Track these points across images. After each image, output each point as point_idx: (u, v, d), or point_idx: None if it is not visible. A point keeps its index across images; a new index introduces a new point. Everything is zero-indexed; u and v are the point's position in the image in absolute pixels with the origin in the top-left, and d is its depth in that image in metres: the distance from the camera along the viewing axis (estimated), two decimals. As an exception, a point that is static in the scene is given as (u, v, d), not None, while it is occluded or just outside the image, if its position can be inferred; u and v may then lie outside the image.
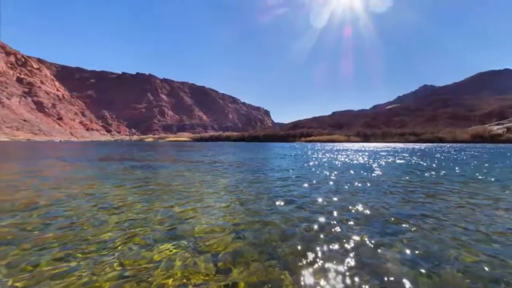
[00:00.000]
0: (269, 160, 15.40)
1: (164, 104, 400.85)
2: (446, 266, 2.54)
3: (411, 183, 7.40)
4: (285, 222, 3.80)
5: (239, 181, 7.48)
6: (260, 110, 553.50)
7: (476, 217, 4.13)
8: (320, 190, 6.18)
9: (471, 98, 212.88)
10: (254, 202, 5.01)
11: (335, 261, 2.65)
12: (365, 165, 12.68)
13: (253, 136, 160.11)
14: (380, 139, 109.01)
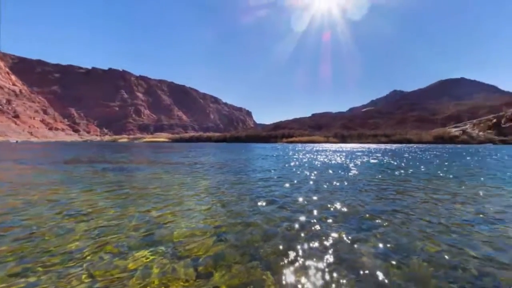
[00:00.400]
0: (251, 161, 15.42)
1: (140, 103, 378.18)
2: (413, 257, 2.76)
3: (384, 181, 7.94)
4: (267, 223, 3.82)
5: (220, 183, 7.36)
6: (242, 110, 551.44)
7: (438, 211, 4.55)
8: (300, 190, 6.33)
9: (433, 103, 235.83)
10: (236, 203, 4.97)
11: (315, 258, 2.73)
12: (342, 165, 13.31)
13: (235, 136, 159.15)
14: (356, 140, 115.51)
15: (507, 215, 4.29)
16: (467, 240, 3.23)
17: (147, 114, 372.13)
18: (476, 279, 2.34)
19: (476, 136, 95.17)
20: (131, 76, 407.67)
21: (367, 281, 2.31)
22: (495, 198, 5.62)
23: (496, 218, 4.13)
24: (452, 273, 2.44)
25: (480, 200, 5.43)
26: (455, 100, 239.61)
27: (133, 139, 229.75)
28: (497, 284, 2.26)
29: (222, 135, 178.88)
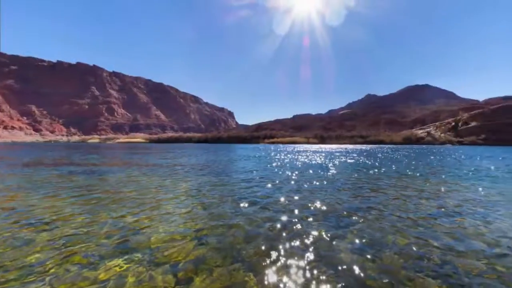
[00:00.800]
0: (233, 162, 15.30)
1: (113, 101, 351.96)
2: (386, 250, 2.95)
3: (359, 180, 8.40)
4: (250, 224, 3.81)
5: (201, 185, 7.18)
6: (224, 111, 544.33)
7: (407, 206, 4.93)
8: (282, 190, 6.43)
9: (402, 107, 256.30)
10: (218, 205, 4.88)
11: (296, 257, 2.78)
12: (322, 165, 13.82)
13: (216, 137, 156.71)
14: (334, 141, 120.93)
15: (463, 208, 4.80)
16: (431, 232, 3.54)
17: (121, 113, 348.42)
18: (439, 267, 2.57)
19: (438, 137, 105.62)
20: (103, 72, 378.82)
21: (345, 276, 2.42)
22: (454, 193, 6.25)
23: (455, 211, 4.59)
24: (419, 263, 2.65)
25: (442, 195, 6.00)
26: (420, 104, 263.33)
27: (105, 140, 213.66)
28: (456, 270, 2.50)
29: (203, 136, 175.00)
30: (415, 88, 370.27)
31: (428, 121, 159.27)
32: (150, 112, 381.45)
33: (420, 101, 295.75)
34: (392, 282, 2.31)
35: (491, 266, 2.58)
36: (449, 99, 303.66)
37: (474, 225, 3.81)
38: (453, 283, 2.29)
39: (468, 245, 3.11)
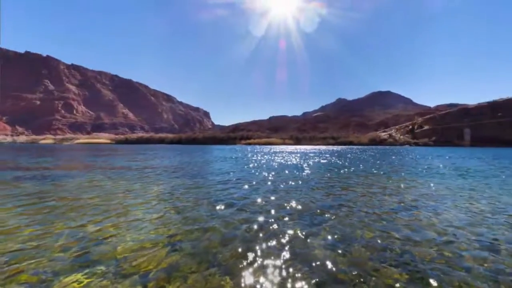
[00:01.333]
0: (209, 163, 14.93)
1: (72, 97, 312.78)
2: (355, 244, 3.15)
3: (331, 179, 8.87)
4: (226, 226, 3.74)
5: (175, 188, 6.85)
6: (200, 111, 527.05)
7: (372, 202, 5.36)
8: (259, 191, 6.46)
9: (368, 111, 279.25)
10: (193, 209, 4.70)
11: (273, 256, 2.81)
12: (297, 165, 14.28)
13: (191, 138, 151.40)
14: (309, 142, 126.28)
15: (419, 202, 5.39)
16: (392, 225, 3.89)
17: (82, 111, 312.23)
18: (399, 256, 2.84)
19: (399, 139, 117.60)
20: (59, 64, 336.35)
21: (318, 271, 2.51)
22: (411, 189, 6.99)
23: (412, 205, 5.12)
24: (383, 254, 2.89)
25: (402, 191, 6.65)
26: (384, 109, 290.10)
27: (62, 140, 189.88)
28: (413, 258, 2.79)
29: (177, 136, 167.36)
30: (379, 94, 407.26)
31: (390, 124, 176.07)
32: (116, 110, 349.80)
33: (383, 106, 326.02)
34: (360, 273, 2.47)
35: (440, 253, 2.93)
36: (407, 104, 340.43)
37: (427, 217, 4.30)
38: (411, 270, 2.54)
39: (422, 235, 3.49)
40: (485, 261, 2.73)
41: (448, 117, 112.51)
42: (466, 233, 3.56)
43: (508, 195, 6.21)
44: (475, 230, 3.68)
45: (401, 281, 2.35)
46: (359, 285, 2.29)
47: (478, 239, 3.35)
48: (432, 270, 2.53)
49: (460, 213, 4.58)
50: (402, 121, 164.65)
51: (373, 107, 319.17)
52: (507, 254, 2.91)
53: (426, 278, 2.39)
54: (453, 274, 2.46)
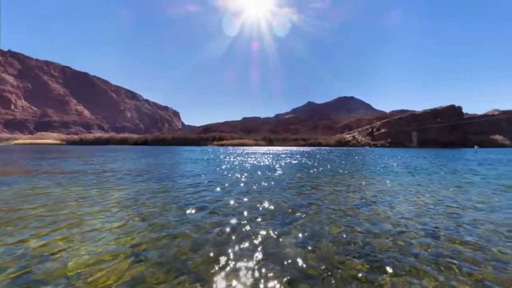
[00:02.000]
0: (178, 166, 14.23)
1: (8, 89, 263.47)
2: (323, 240, 3.33)
3: (302, 179, 9.26)
4: (197, 231, 3.60)
5: (140, 193, 6.34)
6: (168, 110, 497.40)
7: (338, 200, 5.75)
8: (232, 193, 6.39)
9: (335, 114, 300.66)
10: (160, 214, 4.41)
11: (245, 258, 2.79)
12: (270, 166, 14.55)
13: (159, 139, 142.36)
14: (281, 143, 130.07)
15: (377, 198, 5.97)
16: (356, 220, 4.23)
17: (22, 106, 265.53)
18: (362, 248, 3.09)
19: (361, 140, 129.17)
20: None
21: (290, 269, 2.58)
22: (371, 186, 7.70)
23: (372, 201, 5.65)
24: (348, 248, 3.11)
25: (363, 188, 7.29)
26: (348, 113, 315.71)
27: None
28: (373, 249, 3.06)
29: (142, 137, 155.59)
30: (344, 99, 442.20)
31: (353, 127, 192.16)
32: (69, 107, 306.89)
33: (348, 110, 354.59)
34: (328, 267, 2.61)
35: (394, 242, 3.29)
36: (368, 109, 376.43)
37: (384, 211, 4.78)
38: (371, 260, 2.79)
39: (380, 227, 3.86)
40: (429, 247, 3.14)
41: (400, 121, 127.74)
42: (414, 223, 4.06)
43: (446, 189, 7.30)
44: (421, 220, 4.23)
45: (363, 271, 2.56)
46: (327, 278, 2.42)
47: (423, 228, 3.84)
48: (388, 258, 2.82)
49: (410, 206, 5.21)
50: (363, 125, 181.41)
51: (339, 111, 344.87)
52: (445, 239, 3.40)
53: (383, 266, 2.65)
54: (405, 261, 2.77)
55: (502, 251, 3.03)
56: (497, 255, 2.93)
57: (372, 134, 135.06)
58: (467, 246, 3.16)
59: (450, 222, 4.13)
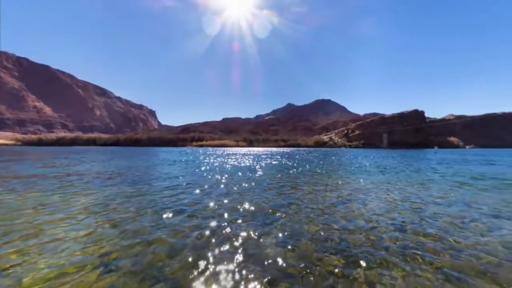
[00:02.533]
0: (154, 168, 13.54)
1: None
2: (302, 239, 3.41)
3: (282, 179, 9.42)
4: (174, 236, 3.44)
5: (110, 197, 5.89)
6: (143, 108, 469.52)
7: (317, 199, 5.95)
8: (211, 195, 6.25)
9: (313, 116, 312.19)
10: (134, 220, 4.14)
11: (226, 261, 2.74)
12: (250, 167, 14.55)
13: (133, 139, 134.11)
14: (261, 144, 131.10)
15: (352, 196, 6.30)
16: (333, 218, 4.41)
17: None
18: (338, 245, 3.23)
19: (337, 142, 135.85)
20: None
21: (270, 269, 2.59)
22: (347, 185, 8.12)
23: (348, 199, 5.95)
24: (325, 245, 3.23)
25: (340, 187, 7.65)
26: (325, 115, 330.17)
27: None
28: (348, 245, 3.22)
29: (113, 137, 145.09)
30: (322, 102, 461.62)
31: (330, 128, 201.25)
32: (26, 103, 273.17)
33: (325, 112, 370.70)
34: (307, 265, 2.68)
35: (367, 237, 3.49)
36: (343, 112, 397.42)
37: (358, 208, 5.07)
38: (346, 255, 2.93)
39: (355, 224, 4.08)
40: (397, 240, 3.40)
41: (372, 124, 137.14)
42: (385, 218, 4.36)
43: (411, 186, 7.99)
44: (390, 215, 4.56)
45: (339, 266, 2.67)
46: (306, 276, 2.48)
47: (392, 222, 4.15)
48: (362, 253, 2.98)
49: (381, 202, 5.59)
50: (339, 126, 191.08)
51: (317, 113, 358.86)
52: (411, 232, 3.71)
53: (357, 260, 2.80)
54: (376, 254, 2.96)
55: (457, 240, 3.39)
56: (453, 244, 3.27)
57: (348, 135, 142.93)
58: (428, 238, 3.48)
59: (415, 216, 4.52)
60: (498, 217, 4.47)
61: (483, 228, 3.90)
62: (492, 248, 3.14)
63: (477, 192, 6.91)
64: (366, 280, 2.42)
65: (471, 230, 3.80)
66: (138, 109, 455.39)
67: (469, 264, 2.74)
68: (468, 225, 4.04)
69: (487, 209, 5.05)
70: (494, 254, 2.98)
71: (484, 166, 15.50)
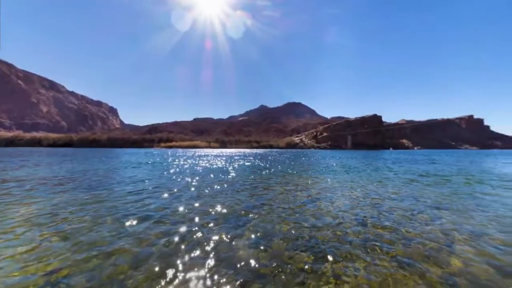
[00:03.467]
0: (116, 171, 12.34)
1: None
2: (274, 239, 3.46)
3: (255, 180, 9.47)
4: (139, 244, 3.17)
5: (60, 206, 5.16)
6: (103, 105, 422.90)
7: (288, 198, 6.13)
8: (181, 198, 5.95)
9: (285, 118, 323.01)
10: (90, 230, 3.68)
11: (196, 267, 2.62)
12: (223, 168, 14.31)
13: (89, 140, 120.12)
14: (234, 145, 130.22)
15: (321, 195, 6.67)
16: (303, 216, 4.59)
17: None
18: (308, 242, 3.36)
19: (307, 143, 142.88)
20: None
21: (243, 271, 2.56)
22: (316, 184, 8.56)
23: (316, 197, 6.27)
24: (296, 243, 3.33)
25: (309, 187, 8.02)
26: (296, 117, 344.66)
27: None
28: (317, 242, 3.38)
29: (65, 137, 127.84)
30: (293, 104, 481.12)
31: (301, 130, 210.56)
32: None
33: (296, 114, 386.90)
34: (279, 264, 2.72)
35: (334, 233, 3.72)
36: (313, 115, 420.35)
37: (326, 206, 5.38)
38: (315, 251, 3.07)
39: (323, 221, 4.31)
40: (360, 234, 3.69)
41: (338, 127, 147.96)
42: (349, 215, 4.71)
43: (371, 183, 8.81)
44: (354, 211, 4.95)
45: (309, 262, 2.78)
46: (278, 275, 2.51)
47: (355, 218, 4.50)
48: (329, 248, 3.16)
49: (346, 200, 6.03)
50: (309, 129, 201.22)
51: (289, 115, 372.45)
52: (371, 226, 4.07)
53: (325, 255, 2.95)
54: (342, 248, 3.17)
55: (407, 230, 3.84)
56: (405, 234, 3.69)
57: (317, 137, 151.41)
58: (385, 230, 3.87)
59: (374, 211, 4.99)
60: (439, 208, 5.21)
61: (427, 218, 4.49)
62: (434, 236, 3.63)
63: (423, 187, 7.96)
64: (333, 273, 2.57)
65: (418, 221, 4.35)
66: (97, 106, 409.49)
67: (417, 250, 3.12)
68: (416, 216, 4.61)
69: (431, 202, 5.85)
70: (436, 240, 3.46)
71: (428, 165, 18.00)
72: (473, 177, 10.52)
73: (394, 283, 2.42)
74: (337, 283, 2.40)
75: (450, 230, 3.85)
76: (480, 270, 2.67)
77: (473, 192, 7.06)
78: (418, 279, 2.49)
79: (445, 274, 2.58)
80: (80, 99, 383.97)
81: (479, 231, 3.82)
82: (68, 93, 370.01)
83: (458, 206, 5.40)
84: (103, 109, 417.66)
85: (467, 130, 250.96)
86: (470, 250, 3.14)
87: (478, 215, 4.70)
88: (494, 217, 4.60)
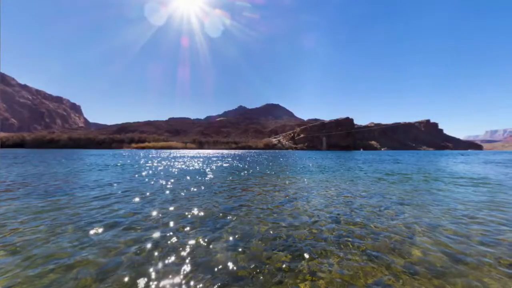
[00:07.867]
0: (78, 174, 11.22)
1: None
2: (253, 240, 3.45)
3: (233, 181, 9.38)
4: (106, 254, 2.90)
5: (8, 215, 4.51)
6: (63, 102, 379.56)
7: (266, 199, 6.18)
8: (154, 202, 5.63)
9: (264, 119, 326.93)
10: (46, 241, 3.28)
11: (171, 275, 2.49)
12: (200, 170, 13.91)
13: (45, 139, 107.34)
14: (212, 146, 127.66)
15: (298, 194, 6.85)
16: (281, 216, 4.67)
17: None
18: (285, 241, 3.42)
19: (285, 144, 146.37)
20: None
21: (221, 274, 2.50)
22: (293, 184, 8.78)
23: (294, 197, 6.43)
24: (274, 243, 3.37)
25: (287, 187, 8.19)
26: (274, 119, 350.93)
27: None
28: (294, 240, 3.46)
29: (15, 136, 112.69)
30: (272, 106, 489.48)
31: (279, 132, 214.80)
32: None
33: (274, 116, 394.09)
34: (257, 265, 2.72)
35: (310, 231, 3.85)
36: (291, 117, 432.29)
37: (302, 205, 5.54)
38: (293, 250, 3.13)
39: (300, 220, 4.43)
40: (334, 231, 3.87)
41: (314, 128, 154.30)
42: (324, 213, 4.92)
43: (344, 182, 9.33)
44: (328, 209, 5.18)
45: (286, 261, 2.83)
46: (256, 276, 2.51)
47: (330, 216, 4.71)
48: (306, 246, 3.25)
49: (321, 199, 6.29)
50: (287, 130, 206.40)
51: (267, 116, 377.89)
52: (344, 223, 4.30)
53: (302, 253, 3.03)
54: (318, 245, 3.28)
55: (376, 225, 4.14)
56: (373, 229, 3.97)
57: (294, 138, 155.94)
58: (357, 226, 4.12)
59: (347, 208, 5.29)
60: (402, 204, 5.72)
61: (392, 213, 4.90)
62: (398, 229, 3.97)
63: (389, 185, 8.67)
64: (309, 270, 2.64)
65: (385, 216, 4.72)
66: (56, 102, 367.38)
67: (384, 244, 3.38)
68: (383, 212, 5.00)
69: (395, 198, 6.39)
70: (399, 233, 3.78)
71: (394, 165, 19.69)
72: (430, 175, 11.79)
73: (364, 275, 2.58)
74: (313, 280, 2.48)
75: (411, 224, 4.25)
76: (436, 258, 2.98)
77: (430, 189, 7.90)
78: (385, 270, 2.69)
79: (407, 263, 2.83)
80: (35, 94, 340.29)
81: (435, 223, 4.28)
82: (20, 87, 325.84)
83: (418, 202, 5.99)
84: (64, 105, 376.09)
85: (425, 132, 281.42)
86: (428, 241, 3.50)
87: (434, 209, 5.27)
88: (446, 210, 5.20)
